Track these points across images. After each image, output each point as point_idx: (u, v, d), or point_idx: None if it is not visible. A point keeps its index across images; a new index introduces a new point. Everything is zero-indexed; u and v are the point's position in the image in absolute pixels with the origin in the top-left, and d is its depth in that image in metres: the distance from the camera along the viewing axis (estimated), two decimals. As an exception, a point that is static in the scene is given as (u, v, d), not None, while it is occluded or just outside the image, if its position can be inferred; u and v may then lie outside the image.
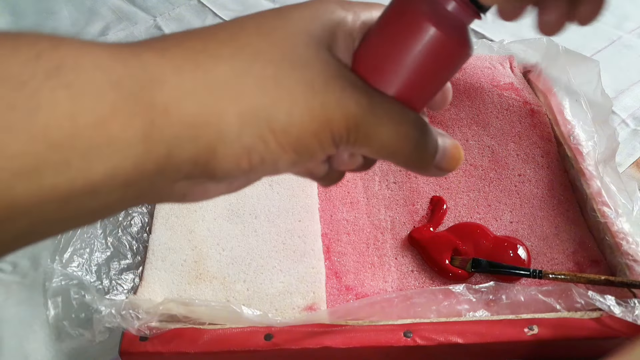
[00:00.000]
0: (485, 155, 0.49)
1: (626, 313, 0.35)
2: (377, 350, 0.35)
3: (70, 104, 0.15)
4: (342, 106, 0.18)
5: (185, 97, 0.17)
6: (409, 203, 0.46)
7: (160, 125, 0.16)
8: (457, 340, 0.35)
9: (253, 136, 0.17)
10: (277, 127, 0.18)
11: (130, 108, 0.16)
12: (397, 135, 0.19)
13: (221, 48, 0.18)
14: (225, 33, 0.18)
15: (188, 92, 0.17)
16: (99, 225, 0.44)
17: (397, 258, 0.43)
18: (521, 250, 0.42)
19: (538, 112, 0.52)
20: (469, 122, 0.52)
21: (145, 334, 0.34)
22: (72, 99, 0.15)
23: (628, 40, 0.67)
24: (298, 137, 0.18)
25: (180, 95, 0.16)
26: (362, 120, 0.18)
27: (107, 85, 0.15)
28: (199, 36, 0.18)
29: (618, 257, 0.41)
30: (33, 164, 0.14)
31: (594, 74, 0.50)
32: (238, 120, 0.17)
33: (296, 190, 0.46)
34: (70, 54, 0.15)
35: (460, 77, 0.54)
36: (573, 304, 0.36)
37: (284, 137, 0.18)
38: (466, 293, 0.37)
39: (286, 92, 0.18)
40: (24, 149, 0.14)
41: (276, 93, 0.17)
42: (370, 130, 0.19)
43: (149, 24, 0.75)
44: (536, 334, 0.35)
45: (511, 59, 0.57)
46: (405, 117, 0.20)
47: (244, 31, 0.18)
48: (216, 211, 0.44)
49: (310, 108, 0.18)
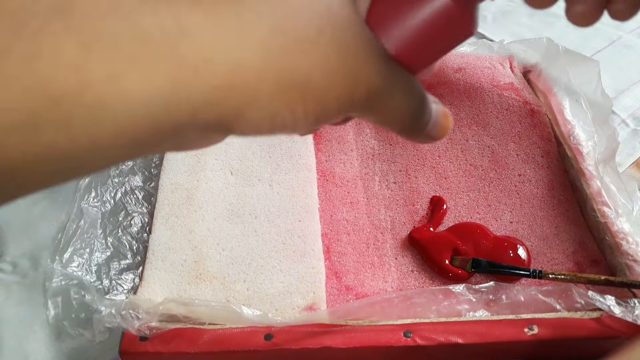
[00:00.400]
0: (485, 155, 0.49)
1: (626, 313, 0.35)
2: (377, 350, 0.35)
3: (77, 52, 0.13)
4: (369, 75, 0.18)
5: (219, 55, 0.15)
6: (409, 203, 0.46)
7: (188, 84, 0.14)
8: (457, 340, 0.35)
9: (284, 101, 0.16)
10: (309, 94, 0.17)
11: (152, 64, 0.14)
12: (403, 106, 0.19)
13: (261, 2, 0.16)
14: None
15: (223, 50, 0.15)
16: (99, 225, 0.44)
17: (397, 258, 0.43)
18: (521, 250, 0.42)
19: (538, 112, 0.52)
20: (469, 122, 0.52)
21: (145, 334, 0.34)
22: (81, 47, 0.13)
23: (628, 40, 0.67)
24: (325, 105, 0.17)
25: (213, 52, 0.15)
26: (380, 91, 0.18)
27: (127, 33, 0.13)
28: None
29: (618, 257, 0.41)
30: (28, 120, 0.13)
31: (594, 74, 0.50)
32: (274, 84, 0.16)
33: (296, 190, 0.46)
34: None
35: (460, 77, 0.54)
36: (573, 304, 0.36)
37: (313, 104, 0.17)
38: (466, 293, 0.37)
39: (323, 56, 0.16)
40: (17, 101, 0.12)
41: (314, 56, 0.16)
42: (383, 101, 0.19)
43: (149, 24, 0.75)
44: (536, 334, 0.35)
45: (511, 59, 0.57)
46: (414, 89, 0.20)
47: None
48: (216, 211, 0.44)
49: (343, 75, 0.17)
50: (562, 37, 0.67)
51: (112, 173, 0.48)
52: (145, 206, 0.47)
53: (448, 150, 0.50)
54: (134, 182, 0.48)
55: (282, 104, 0.16)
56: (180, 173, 0.47)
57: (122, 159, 0.16)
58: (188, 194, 0.45)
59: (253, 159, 0.49)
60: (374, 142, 0.52)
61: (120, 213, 0.46)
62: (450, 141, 0.51)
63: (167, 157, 0.48)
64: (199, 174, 0.47)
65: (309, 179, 0.47)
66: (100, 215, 0.45)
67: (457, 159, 0.49)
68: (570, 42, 0.67)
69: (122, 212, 0.46)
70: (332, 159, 0.50)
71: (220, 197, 0.45)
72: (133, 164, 0.50)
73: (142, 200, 0.47)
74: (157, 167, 0.49)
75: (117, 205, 0.46)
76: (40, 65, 0.13)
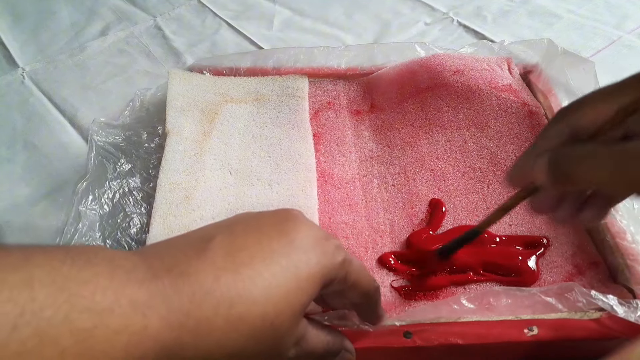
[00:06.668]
0: (484, 157, 0.49)
1: (629, 313, 0.35)
2: (377, 351, 0.35)
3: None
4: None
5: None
6: (407, 206, 0.46)
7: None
8: (457, 341, 0.35)
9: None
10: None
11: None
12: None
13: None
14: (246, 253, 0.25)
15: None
16: (97, 227, 0.44)
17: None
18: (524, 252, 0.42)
19: (536, 114, 0.52)
20: (467, 124, 0.51)
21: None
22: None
23: (628, 40, 0.67)
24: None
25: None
26: None
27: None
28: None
29: (618, 257, 0.41)
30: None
31: (590, 75, 0.50)
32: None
33: (295, 190, 0.46)
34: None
35: (458, 79, 0.54)
36: (574, 303, 0.36)
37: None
38: (466, 294, 0.37)
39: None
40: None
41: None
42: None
43: (149, 24, 0.75)
44: (536, 335, 0.35)
45: (509, 60, 0.57)
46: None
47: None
48: (214, 211, 0.44)
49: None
50: (563, 37, 0.67)
51: (110, 176, 0.48)
52: (144, 207, 0.47)
53: (446, 152, 0.50)
54: (132, 184, 0.48)
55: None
56: (179, 172, 0.47)
57: None
58: (186, 194, 0.45)
59: (252, 158, 0.49)
60: (372, 145, 0.52)
61: (119, 215, 0.46)
62: (449, 143, 0.50)
63: (165, 156, 0.48)
64: (197, 173, 0.47)
65: (308, 179, 0.47)
66: (98, 217, 0.45)
67: (455, 161, 0.49)
68: (570, 43, 0.67)
69: (120, 214, 0.46)
70: (330, 161, 0.50)
71: (219, 196, 0.45)
72: (132, 165, 0.50)
73: (141, 201, 0.47)
74: (155, 168, 0.49)
75: (115, 207, 0.46)
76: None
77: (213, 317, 0.22)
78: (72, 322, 0.18)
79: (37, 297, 0.18)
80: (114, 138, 0.51)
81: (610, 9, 0.73)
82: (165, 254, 0.23)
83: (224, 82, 0.55)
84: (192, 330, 0.21)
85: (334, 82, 0.58)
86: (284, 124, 0.52)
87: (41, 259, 0.19)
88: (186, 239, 0.26)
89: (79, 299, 0.18)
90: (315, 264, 0.26)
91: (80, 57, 0.69)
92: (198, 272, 0.23)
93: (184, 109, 0.52)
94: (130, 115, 0.54)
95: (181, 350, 0.21)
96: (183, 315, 0.21)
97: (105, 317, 0.19)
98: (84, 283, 0.19)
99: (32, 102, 0.63)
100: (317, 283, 0.26)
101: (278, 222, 0.27)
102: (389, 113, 0.54)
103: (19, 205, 0.51)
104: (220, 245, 0.24)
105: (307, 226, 0.27)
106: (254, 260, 0.24)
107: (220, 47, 0.71)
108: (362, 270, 0.29)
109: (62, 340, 0.18)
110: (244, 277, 0.23)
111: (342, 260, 0.27)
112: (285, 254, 0.25)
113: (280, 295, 0.24)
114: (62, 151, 0.57)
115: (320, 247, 0.26)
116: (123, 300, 0.20)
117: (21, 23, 0.76)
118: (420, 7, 0.75)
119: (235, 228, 0.26)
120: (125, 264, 0.21)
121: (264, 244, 0.25)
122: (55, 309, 0.18)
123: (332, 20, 0.75)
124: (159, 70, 0.67)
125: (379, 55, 0.58)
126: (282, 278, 0.24)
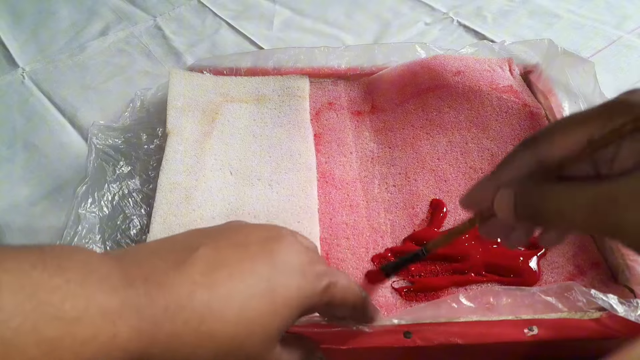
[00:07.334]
0: (485, 158, 0.49)
1: (629, 312, 0.35)
2: (377, 351, 0.35)
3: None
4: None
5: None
6: (408, 206, 0.46)
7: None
8: (457, 340, 0.34)
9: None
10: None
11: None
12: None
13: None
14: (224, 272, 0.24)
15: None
16: (97, 230, 0.44)
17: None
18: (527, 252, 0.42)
19: (537, 114, 0.52)
20: (468, 124, 0.51)
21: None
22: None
23: (628, 40, 0.67)
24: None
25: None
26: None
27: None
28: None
29: (618, 257, 0.41)
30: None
31: (590, 76, 0.50)
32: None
33: (296, 190, 0.46)
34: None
35: (459, 80, 0.54)
36: (574, 303, 0.36)
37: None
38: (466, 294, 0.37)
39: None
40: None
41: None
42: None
43: (149, 24, 0.75)
44: (536, 335, 0.35)
45: (510, 61, 0.57)
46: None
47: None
48: (215, 210, 0.44)
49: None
50: (563, 37, 0.67)
51: (110, 178, 0.48)
52: (143, 208, 0.46)
53: (447, 153, 0.50)
54: (132, 186, 0.48)
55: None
56: (179, 172, 0.46)
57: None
58: (187, 194, 0.45)
59: (253, 158, 0.49)
60: (373, 145, 0.52)
61: (118, 217, 0.46)
62: (450, 144, 0.50)
63: (166, 156, 0.48)
64: (198, 173, 0.47)
65: (309, 178, 0.47)
66: (98, 220, 0.45)
67: (456, 161, 0.49)
68: (571, 43, 0.67)
69: (120, 216, 0.46)
70: (331, 161, 0.50)
71: (219, 196, 0.45)
72: (131, 167, 0.49)
73: (141, 203, 0.47)
74: (154, 170, 0.49)
75: (115, 209, 0.46)
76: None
77: (183, 332, 0.22)
78: (39, 332, 0.18)
79: (4, 305, 0.17)
80: (114, 140, 0.51)
81: (610, 9, 0.73)
82: (145, 261, 0.23)
83: (225, 82, 0.55)
84: (161, 342, 0.21)
85: (335, 82, 0.58)
86: (284, 123, 0.52)
87: (11, 263, 0.19)
88: (172, 244, 0.26)
89: (48, 307, 0.18)
90: (295, 289, 0.25)
91: (80, 57, 0.69)
92: (174, 284, 0.22)
93: (184, 108, 0.52)
94: (130, 116, 0.54)
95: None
96: (154, 327, 0.21)
97: (73, 326, 0.18)
98: (54, 289, 0.19)
99: (32, 102, 0.63)
100: (295, 308, 0.25)
101: (265, 240, 0.27)
102: (390, 114, 0.54)
103: (18, 205, 0.51)
104: (202, 258, 0.24)
105: (294, 249, 0.27)
106: (232, 279, 0.24)
107: (220, 47, 0.71)
108: (348, 288, 0.29)
109: (29, 351, 0.17)
110: (219, 296, 0.23)
111: (325, 286, 0.27)
112: (265, 276, 0.25)
113: (254, 318, 0.24)
114: (62, 151, 0.57)
115: (303, 272, 0.26)
116: (93, 308, 0.19)
117: (21, 23, 0.76)
118: (420, 7, 0.75)
119: (220, 242, 0.26)
120: (100, 268, 0.21)
121: (245, 263, 0.25)
122: (23, 318, 0.17)
123: (332, 20, 0.75)
124: (159, 70, 0.67)
125: (379, 56, 0.58)
126: (257, 300, 0.24)
